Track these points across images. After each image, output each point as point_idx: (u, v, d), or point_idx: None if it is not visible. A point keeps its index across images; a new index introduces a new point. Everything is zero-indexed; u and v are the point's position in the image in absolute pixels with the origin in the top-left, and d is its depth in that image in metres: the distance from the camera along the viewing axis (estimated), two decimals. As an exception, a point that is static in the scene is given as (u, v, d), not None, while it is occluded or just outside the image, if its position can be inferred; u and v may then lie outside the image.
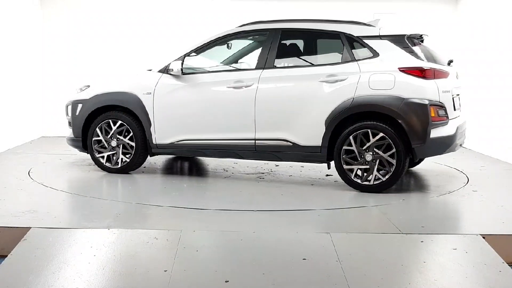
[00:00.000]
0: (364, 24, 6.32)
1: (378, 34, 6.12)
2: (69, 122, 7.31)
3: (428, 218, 5.24)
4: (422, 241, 4.44)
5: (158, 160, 8.01)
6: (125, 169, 6.98)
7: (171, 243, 4.29)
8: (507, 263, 4.06)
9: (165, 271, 3.82)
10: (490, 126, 8.99)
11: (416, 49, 6.13)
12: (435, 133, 5.85)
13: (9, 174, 6.88)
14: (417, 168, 7.45)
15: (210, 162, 7.95)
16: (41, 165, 7.48)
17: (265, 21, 6.69)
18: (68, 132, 7.34)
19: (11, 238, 4.42)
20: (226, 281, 3.69)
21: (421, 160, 7.23)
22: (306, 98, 6.14)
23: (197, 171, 7.54)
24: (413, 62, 5.94)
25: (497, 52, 8.79)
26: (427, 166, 7.52)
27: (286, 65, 6.48)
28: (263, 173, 7.16)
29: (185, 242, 4.31)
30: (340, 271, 3.87)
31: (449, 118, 6.01)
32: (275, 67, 6.37)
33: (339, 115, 5.99)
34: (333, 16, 7.05)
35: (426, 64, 5.93)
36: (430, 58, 6.24)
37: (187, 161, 8.08)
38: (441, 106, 5.90)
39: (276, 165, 7.58)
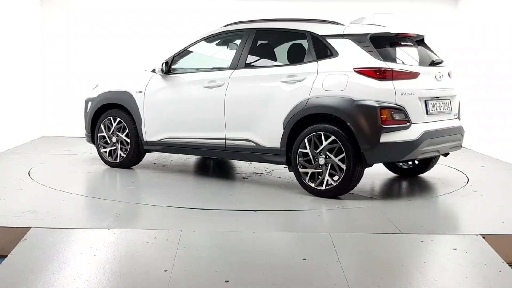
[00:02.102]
0: (333, 22, 6.08)
1: (341, 33, 5.87)
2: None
3: (428, 218, 5.24)
4: (422, 241, 4.44)
5: (174, 158, 8.02)
6: (123, 164, 7.29)
7: (171, 243, 4.29)
8: (507, 263, 4.05)
9: (165, 271, 3.82)
10: (490, 126, 8.99)
11: (390, 49, 5.92)
12: (387, 137, 5.47)
13: (9, 174, 6.88)
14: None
15: (227, 164, 7.96)
16: (41, 165, 7.48)
17: (246, 21, 6.72)
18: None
19: (11, 238, 4.42)
20: (226, 281, 3.69)
21: (428, 166, 6.80)
22: (268, 98, 6.07)
23: (195, 170, 7.54)
24: (368, 62, 5.63)
25: (497, 52, 8.79)
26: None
27: (256, 65, 6.43)
28: (258, 173, 7.16)
29: (185, 242, 4.31)
30: (340, 271, 3.87)
31: (412, 122, 5.60)
32: (245, 67, 6.37)
33: (295, 116, 5.82)
34: (332, 16, 7.02)
35: (382, 64, 5.59)
36: (422, 59, 6.12)
37: (206, 160, 8.09)
38: (398, 109, 5.53)
39: (285, 166, 7.52)
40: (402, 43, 6.20)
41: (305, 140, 5.78)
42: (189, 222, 4.95)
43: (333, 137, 5.62)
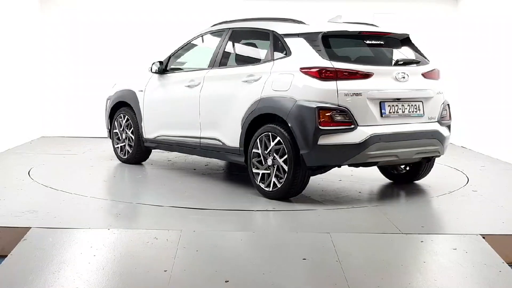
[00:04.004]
0: (294, 21, 5.95)
1: (297, 32, 5.72)
2: None
3: (428, 218, 5.24)
4: (422, 241, 4.44)
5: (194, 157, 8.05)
6: (129, 160, 7.64)
7: (171, 243, 4.29)
8: (507, 263, 4.05)
9: (165, 271, 3.82)
10: (490, 126, 8.99)
11: (347, 48, 5.79)
12: (327, 140, 5.27)
13: (9, 174, 6.88)
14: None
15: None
16: (41, 165, 7.48)
17: (228, 21, 6.78)
18: None
19: (11, 238, 4.42)
20: (226, 281, 3.69)
21: (419, 173, 6.43)
22: (230, 98, 6.08)
23: (200, 170, 7.55)
24: (312, 62, 5.45)
25: (497, 52, 8.79)
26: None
27: (226, 64, 6.47)
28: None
29: (185, 242, 4.31)
30: (340, 271, 3.86)
31: (360, 124, 5.35)
32: (219, 66, 6.43)
33: (249, 116, 5.79)
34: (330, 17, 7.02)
35: (326, 64, 5.38)
36: (387, 58, 5.90)
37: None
38: (340, 111, 5.29)
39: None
40: (369, 42, 5.92)
41: (257, 140, 5.74)
42: (189, 222, 4.95)
43: (278, 138, 5.53)
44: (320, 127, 5.26)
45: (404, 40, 6.16)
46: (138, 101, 7.34)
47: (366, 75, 5.48)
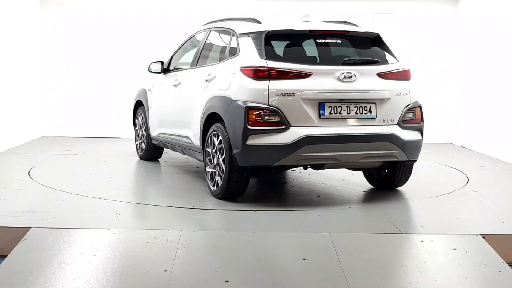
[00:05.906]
0: (255, 20, 5.89)
1: (247, 32, 5.68)
2: None
3: (428, 218, 5.24)
4: (422, 241, 4.44)
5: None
6: (142, 157, 7.98)
7: (171, 243, 4.29)
8: (507, 263, 4.06)
9: (165, 271, 3.82)
10: (490, 126, 8.99)
11: (291, 48, 5.70)
12: (256, 140, 5.17)
13: (9, 174, 6.88)
14: (417, 168, 7.17)
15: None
16: (41, 165, 7.48)
17: (214, 21, 6.85)
18: None
19: (11, 238, 4.42)
20: (226, 281, 3.69)
21: (394, 178, 6.03)
22: (195, 97, 6.17)
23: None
24: (249, 61, 5.40)
25: (497, 52, 8.79)
26: (427, 166, 7.50)
27: (200, 64, 6.51)
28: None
29: (185, 242, 4.31)
30: (340, 271, 3.87)
31: (293, 125, 5.19)
32: (196, 66, 6.54)
33: (203, 115, 5.84)
34: (332, 16, 7.02)
35: (260, 63, 5.29)
36: (336, 57, 5.67)
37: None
38: (271, 111, 5.17)
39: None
40: (322, 41, 5.71)
41: (208, 139, 5.77)
42: (189, 222, 4.95)
43: (220, 137, 5.52)
44: (249, 127, 5.18)
45: (376, 39, 5.87)
46: (147, 99, 7.64)
47: (303, 75, 5.30)
